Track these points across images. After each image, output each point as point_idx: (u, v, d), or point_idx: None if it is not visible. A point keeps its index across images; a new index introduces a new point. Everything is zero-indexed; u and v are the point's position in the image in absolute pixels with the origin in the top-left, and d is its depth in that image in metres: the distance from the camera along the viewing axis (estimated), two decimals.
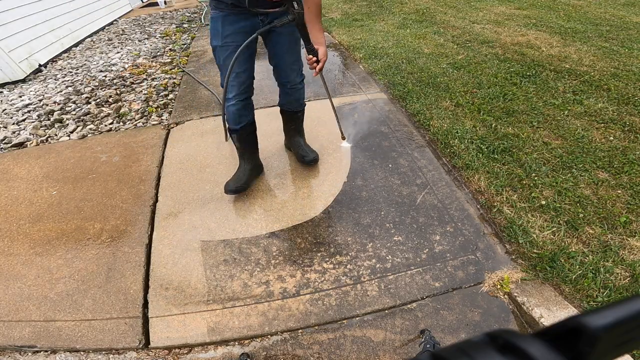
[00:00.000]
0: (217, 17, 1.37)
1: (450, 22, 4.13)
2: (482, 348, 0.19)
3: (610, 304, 0.20)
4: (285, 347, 1.17)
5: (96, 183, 1.93)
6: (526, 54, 3.04)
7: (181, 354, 1.18)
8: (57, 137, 2.45)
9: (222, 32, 1.37)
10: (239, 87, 1.51)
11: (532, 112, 2.19)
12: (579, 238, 1.39)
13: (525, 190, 1.62)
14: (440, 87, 2.59)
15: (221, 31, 1.37)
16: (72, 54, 4.33)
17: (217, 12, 1.36)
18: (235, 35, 1.38)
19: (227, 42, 1.39)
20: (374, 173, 1.84)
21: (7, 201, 1.86)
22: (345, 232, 1.54)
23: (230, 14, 1.34)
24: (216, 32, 1.39)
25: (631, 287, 1.21)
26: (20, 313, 1.31)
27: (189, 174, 1.94)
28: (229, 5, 1.32)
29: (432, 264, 1.38)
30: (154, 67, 3.58)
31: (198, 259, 1.46)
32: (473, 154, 1.86)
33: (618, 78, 2.51)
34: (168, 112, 2.66)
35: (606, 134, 1.95)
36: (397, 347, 1.15)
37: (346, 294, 1.30)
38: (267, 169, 1.93)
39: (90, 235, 1.61)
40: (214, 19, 1.39)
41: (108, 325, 1.26)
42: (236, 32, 1.38)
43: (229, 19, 1.35)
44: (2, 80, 3.46)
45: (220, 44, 1.41)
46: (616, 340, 0.19)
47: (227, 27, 1.37)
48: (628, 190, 1.58)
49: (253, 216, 1.64)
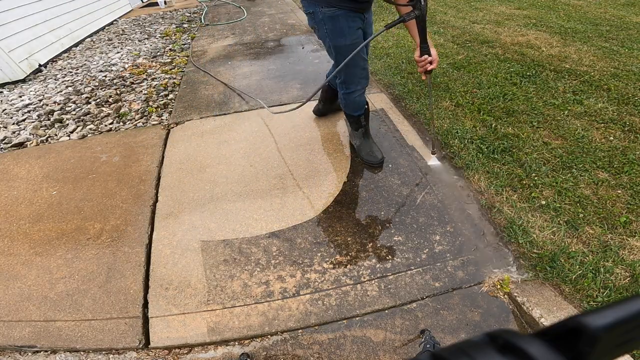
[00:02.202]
0: (337, 15, 1.36)
1: (450, 22, 4.13)
2: (482, 348, 0.19)
3: (610, 304, 0.20)
4: (285, 347, 1.17)
5: (96, 183, 1.93)
6: (526, 54, 3.04)
7: (181, 354, 1.19)
8: (57, 137, 2.45)
9: (348, 30, 1.38)
10: (366, 78, 1.63)
11: (532, 112, 2.19)
12: (579, 238, 1.39)
13: (525, 190, 1.62)
14: (440, 87, 2.59)
15: (347, 29, 1.38)
16: (72, 54, 4.33)
17: (335, 10, 1.34)
18: (357, 31, 1.43)
19: (355, 40, 1.40)
20: (374, 173, 1.84)
21: (7, 201, 1.86)
22: (345, 232, 1.53)
23: (349, 10, 1.36)
24: (340, 31, 1.39)
25: (631, 287, 1.21)
26: (20, 313, 1.31)
27: (189, 174, 1.94)
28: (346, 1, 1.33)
29: (432, 264, 1.38)
30: (154, 67, 3.58)
31: (198, 259, 1.46)
32: (473, 154, 1.86)
33: (618, 78, 2.51)
34: (168, 112, 2.66)
35: (606, 134, 1.95)
36: (397, 347, 1.15)
37: (346, 294, 1.30)
38: (267, 168, 1.93)
39: (90, 235, 1.61)
40: (334, 17, 1.36)
41: (108, 325, 1.26)
42: (356, 28, 1.42)
43: (349, 16, 1.37)
44: (2, 80, 3.46)
45: (350, 42, 1.42)
46: (616, 340, 0.19)
47: (351, 25, 1.39)
48: (628, 190, 1.58)
49: (253, 216, 1.64)
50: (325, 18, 1.38)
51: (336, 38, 1.43)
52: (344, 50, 1.44)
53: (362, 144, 1.90)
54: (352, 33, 1.41)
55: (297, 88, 2.79)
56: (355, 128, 1.89)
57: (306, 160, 1.98)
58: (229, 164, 1.99)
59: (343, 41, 1.42)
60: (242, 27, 4.72)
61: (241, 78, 3.07)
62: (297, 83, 2.88)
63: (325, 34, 1.45)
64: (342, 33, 1.40)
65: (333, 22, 1.38)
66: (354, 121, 1.85)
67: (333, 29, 1.40)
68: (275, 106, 2.47)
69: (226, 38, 4.30)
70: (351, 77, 1.58)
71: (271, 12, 5.46)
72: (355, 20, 1.40)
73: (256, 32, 4.42)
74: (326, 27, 1.41)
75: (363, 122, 1.85)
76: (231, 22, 5.01)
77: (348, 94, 1.65)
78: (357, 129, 1.88)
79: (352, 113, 1.79)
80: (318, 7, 1.37)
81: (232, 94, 2.81)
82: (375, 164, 1.84)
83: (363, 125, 1.87)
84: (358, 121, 1.84)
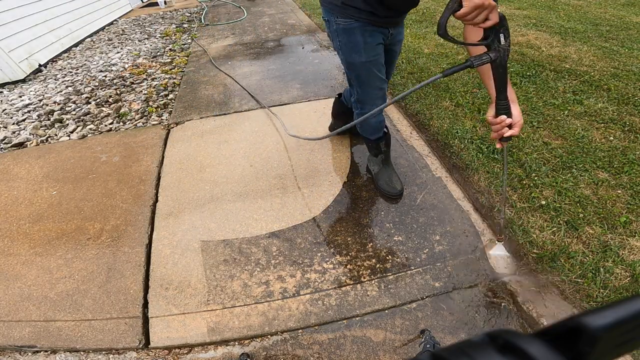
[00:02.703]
0: (352, 27, 1.19)
1: (450, 22, 4.12)
2: (482, 348, 0.19)
3: (610, 304, 0.20)
4: (285, 347, 1.17)
5: (96, 183, 1.93)
6: (526, 54, 3.04)
7: (181, 354, 1.19)
8: (57, 137, 2.45)
9: (364, 46, 1.21)
10: (383, 99, 1.42)
11: (532, 112, 2.19)
12: (579, 238, 1.39)
13: (525, 190, 1.62)
14: (440, 87, 2.59)
15: (362, 45, 1.21)
16: (72, 54, 4.33)
17: (351, 22, 1.18)
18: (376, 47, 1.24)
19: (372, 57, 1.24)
20: None
21: (7, 201, 1.86)
22: (345, 232, 1.54)
23: (367, 24, 1.18)
24: (355, 46, 1.22)
25: (631, 287, 1.21)
26: (20, 313, 1.31)
27: (189, 174, 1.94)
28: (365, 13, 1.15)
29: (432, 264, 1.38)
30: (154, 67, 3.58)
31: (198, 259, 1.46)
32: (473, 154, 1.86)
33: (618, 78, 2.51)
34: (168, 112, 2.66)
35: (606, 134, 1.95)
36: (397, 347, 1.15)
37: (346, 294, 1.31)
38: (267, 169, 1.93)
39: (90, 235, 1.61)
40: (348, 30, 1.20)
41: (108, 325, 1.26)
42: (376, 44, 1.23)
43: (367, 30, 1.20)
44: (2, 80, 3.46)
45: (365, 59, 1.25)
46: (616, 340, 0.19)
47: (369, 40, 1.21)
48: (628, 190, 1.58)
49: (253, 216, 1.64)
50: (340, 30, 1.22)
51: (350, 53, 1.26)
52: (357, 68, 1.29)
53: (381, 172, 1.71)
54: (369, 49, 1.23)
55: (297, 88, 2.79)
56: (374, 154, 1.72)
57: (306, 160, 1.98)
58: (229, 164, 1.99)
59: (357, 58, 1.25)
60: (242, 27, 4.72)
61: (241, 78, 3.07)
62: (297, 83, 2.88)
63: (338, 46, 1.29)
64: (356, 48, 1.23)
65: (348, 35, 1.22)
66: (373, 146, 1.68)
67: (347, 43, 1.24)
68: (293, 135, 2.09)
69: (226, 38, 4.30)
70: (366, 96, 1.41)
71: (271, 12, 5.46)
72: (375, 35, 1.22)
73: (256, 32, 4.42)
74: (339, 39, 1.25)
75: (383, 147, 1.67)
76: (231, 22, 5.02)
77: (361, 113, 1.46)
78: (377, 154, 1.70)
79: (369, 136, 1.61)
80: (333, 17, 1.22)
81: (232, 93, 2.81)
82: (393, 195, 1.65)
83: (383, 152, 1.68)
84: (377, 147, 1.66)
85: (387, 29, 1.25)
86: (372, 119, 1.47)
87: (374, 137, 1.61)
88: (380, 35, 1.24)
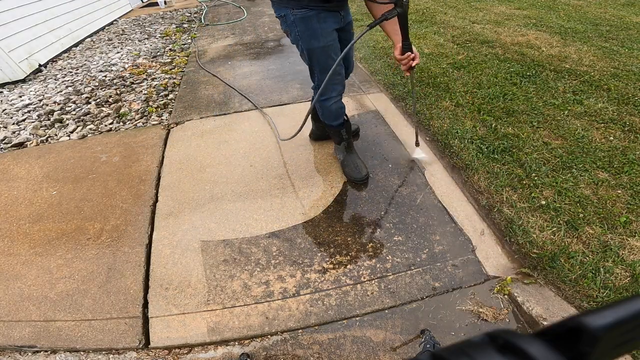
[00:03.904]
0: (309, 16, 1.29)
1: (450, 22, 4.13)
2: (482, 348, 0.19)
3: (610, 304, 0.20)
4: (285, 347, 1.17)
5: (96, 183, 1.93)
6: (526, 54, 3.04)
7: (181, 354, 1.18)
8: (57, 137, 2.45)
9: (321, 32, 1.32)
10: (341, 84, 1.55)
11: (532, 112, 2.19)
12: (579, 238, 1.39)
13: (525, 190, 1.62)
14: (440, 87, 2.59)
15: (320, 31, 1.32)
16: (72, 54, 4.33)
17: (306, 12, 1.28)
18: (332, 33, 1.36)
19: (329, 42, 1.35)
20: (373, 173, 1.84)
21: (7, 201, 1.86)
22: (345, 232, 1.54)
23: (321, 11, 1.30)
24: (313, 33, 1.32)
25: (631, 287, 1.21)
26: (20, 313, 1.31)
27: (189, 174, 1.94)
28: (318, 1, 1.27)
29: (432, 264, 1.38)
30: (154, 67, 3.58)
31: (198, 259, 1.46)
32: (473, 154, 1.86)
33: (618, 78, 2.51)
34: (168, 112, 2.66)
35: (606, 134, 1.95)
36: (397, 347, 1.15)
37: (346, 294, 1.30)
38: (267, 169, 1.93)
39: (90, 235, 1.61)
40: (305, 19, 1.30)
41: (108, 325, 1.26)
42: (331, 30, 1.35)
43: (322, 16, 1.30)
44: (2, 80, 3.46)
45: (323, 44, 1.36)
46: (616, 340, 0.19)
47: (323, 26, 1.32)
48: (628, 190, 1.58)
49: (253, 216, 1.64)
50: (297, 20, 1.31)
51: (309, 40, 1.35)
52: (317, 53, 1.39)
53: (346, 159, 1.81)
54: (326, 35, 1.35)
55: (297, 88, 2.79)
56: (337, 141, 1.81)
57: (306, 160, 1.98)
58: (229, 164, 1.99)
59: (316, 43, 1.35)
60: (242, 27, 4.73)
61: (241, 78, 3.07)
62: (297, 83, 2.88)
63: (297, 37, 1.37)
64: (315, 34, 1.33)
65: (305, 24, 1.31)
66: (334, 133, 1.75)
67: (305, 31, 1.33)
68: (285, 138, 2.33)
69: (226, 38, 4.30)
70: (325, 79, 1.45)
71: (271, 12, 5.45)
72: (328, 20, 1.33)
73: (256, 32, 4.42)
74: (298, 29, 1.34)
75: (344, 135, 1.75)
76: (231, 22, 5.02)
77: (322, 101, 1.57)
78: (339, 142, 1.79)
79: (331, 123, 1.69)
80: (289, 10, 1.31)
81: (232, 93, 2.81)
82: (359, 180, 1.76)
83: (345, 139, 1.77)
84: (339, 133, 1.74)
85: (338, 12, 1.37)
86: (332, 105, 1.59)
87: (335, 123, 1.69)
88: (333, 20, 1.36)
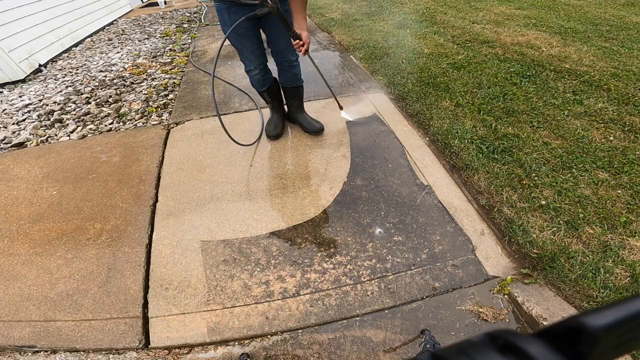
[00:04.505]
0: (222, 8, 1.66)
1: (450, 22, 4.13)
2: (482, 348, 0.19)
3: (610, 304, 0.20)
4: (285, 347, 1.17)
5: (96, 183, 1.93)
6: (526, 54, 3.04)
7: (181, 354, 1.18)
8: (57, 137, 2.45)
9: (230, 20, 1.65)
10: (257, 60, 1.88)
11: (532, 112, 2.19)
12: (579, 238, 1.39)
13: (525, 190, 1.62)
14: (440, 87, 2.59)
15: (229, 20, 1.66)
16: (72, 54, 4.33)
17: (220, 5, 1.65)
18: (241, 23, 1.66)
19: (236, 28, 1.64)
20: (373, 173, 1.84)
21: (7, 201, 1.86)
22: (345, 232, 1.53)
23: (232, 5, 1.63)
24: (224, 21, 1.70)
25: (631, 287, 1.21)
26: (20, 313, 1.31)
27: (189, 174, 1.94)
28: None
29: (432, 264, 1.38)
30: (154, 67, 3.58)
31: (198, 259, 1.46)
32: (473, 154, 1.86)
33: (618, 78, 2.51)
34: (168, 112, 2.66)
35: (606, 134, 1.95)
36: (397, 347, 1.15)
37: (346, 294, 1.30)
38: (267, 168, 1.93)
39: (90, 235, 1.61)
40: (220, 10, 1.67)
41: (108, 325, 1.26)
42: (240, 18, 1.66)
43: (232, 9, 1.64)
44: (2, 80, 3.46)
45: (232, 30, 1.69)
46: (616, 340, 0.19)
47: (233, 16, 1.63)
48: (628, 190, 1.58)
49: (253, 216, 1.64)
50: (216, 10, 1.71)
51: (223, 26, 1.74)
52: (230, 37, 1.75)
53: (269, 118, 2.24)
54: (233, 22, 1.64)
55: None
56: (266, 103, 2.21)
57: (306, 160, 1.98)
58: (229, 164, 1.99)
59: (226, 29, 1.70)
60: None
61: (241, 78, 3.06)
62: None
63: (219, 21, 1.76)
64: (224, 23, 1.70)
65: (220, 14, 1.69)
66: (261, 96, 2.14)
67: (220, 19, 1.72)
68: None
69: None
70: (241, 56, 1.88)
71: None
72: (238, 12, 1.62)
73: None
74: (218, 17, 1.74)
75: (267, 98, 2.13)
76: None
77: (246, 71, 1.95)
78: (267, 103, 2.21)
79: (257, 89, 2.07)
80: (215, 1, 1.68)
81: (232, 93, 2.81)
82: (269, 136, 2.17)
83: (268, 101, 2.16)
84: (263, 96, 2.14)
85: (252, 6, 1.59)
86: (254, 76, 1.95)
87: (259, 90, 2.07)
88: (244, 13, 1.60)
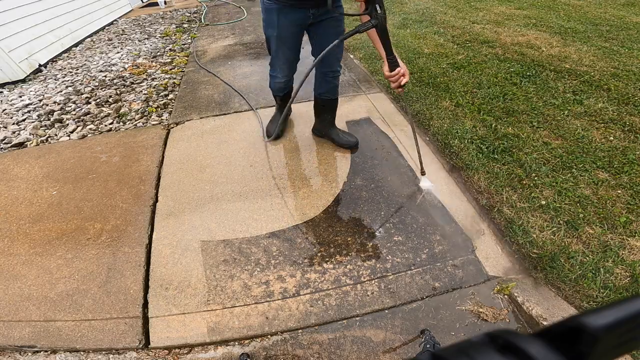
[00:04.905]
0: (272, 9, 1.51)
1: (450, 22, 4.13)
2: (482, 348, 0.19)
3: (610, 304, 0.20)
4: (285, 347, 1.17)
5: (96, 183, 1.93)
6: (526, 54, 3.04)
7: (181, 354, 1.18)
8: (57, 137, 2.45)
9: (278, 23, 1.53)
10: (288, 70, 1.80)
11: (532, 112, 2.19)
12: (579, 238, 1.39)
13: (525, 190, 1.62)
14: (440, 87, 2.59)
15: (277, 22, 1.53)
16: (72, 54, 4.32)
17: (271, 4, 1.50)
18: (289, 27, 1.55)
19: (281, 33, 1.55)
20: (374, 173, 1.84)
21: (7, 201, 1.86)
22: (345, 232, 1.53)
23: (285, 6, 1.48)
24: (271, 23, 1.56)
25: (631, 287, 1.21)
26: (20, 313, 1.31)
27: (189, 174, 1.94)
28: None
29: (432, 264, 1.38)
30: (154, 67, 3.58)
31: (198, 259, 1.46)
32: (473, 154, 1.86)
33: (618, 78, 2.51)
34: (168, 112, 2.66)
35: (606, 134, 1.95)
36: (397, 347, 1.15)
37: (346, 294, 1.30)
38: (267, 168, 1.93)
39: (90, 235, 1.61)
40: (269, 10, 1.53)
41: (108, 325, 1.26)
42: (290, 24, 1.54)
43: (284, 11, 1.49)
44: (2, 80, 3.46)
45: (275, 34, 1.59)
46: (616, 341, 0.19)
47: (282, 19, 1.51)
48: (628, 190, 1.58)
49: (253, 216, 1.64)
50: (263, 8, 1.56)
51: (267, 27, 1.61)
52: (270, 40, 1.65)
53: (273, 117, 2.24)
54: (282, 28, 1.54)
55: None
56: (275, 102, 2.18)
57: (306, 160, 1.98)
58: (229, 164, 1.99)
59: (270, 31, 1.60)
60: (242, 27, 4.72)
61: (241, 78, 3.07)
62: (297, 83, 2.87)
63: (263, 20, 1.63)
64: (270, 24, 1.57)
65: (268, 14, 1.55)
66: (274, 97, 2.12)
67: (266, 19, 1.59)
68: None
69: (226, 38, 4.30)
70: (274, 61, 1.77)
71: None
72: (289, 16, 1.50)
73: (256, 32, 4.42)
74: (263, 16, 1.60)
75: (278, 101, 2.11)
76: (231, 22, 5.01)
77: (271, 75, 1.87)
78: (276, 102, 2.17)
79: (273, 93, 2.04)
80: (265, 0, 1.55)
81: (232, 93, 2.81)
82: (267, 137, 2.15)
83: (278, 103, 2.14)
84: (275, 98, 2.11)
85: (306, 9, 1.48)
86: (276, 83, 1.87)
87: (274, 93, 2.04)
88: (296, 16, 1.50)
